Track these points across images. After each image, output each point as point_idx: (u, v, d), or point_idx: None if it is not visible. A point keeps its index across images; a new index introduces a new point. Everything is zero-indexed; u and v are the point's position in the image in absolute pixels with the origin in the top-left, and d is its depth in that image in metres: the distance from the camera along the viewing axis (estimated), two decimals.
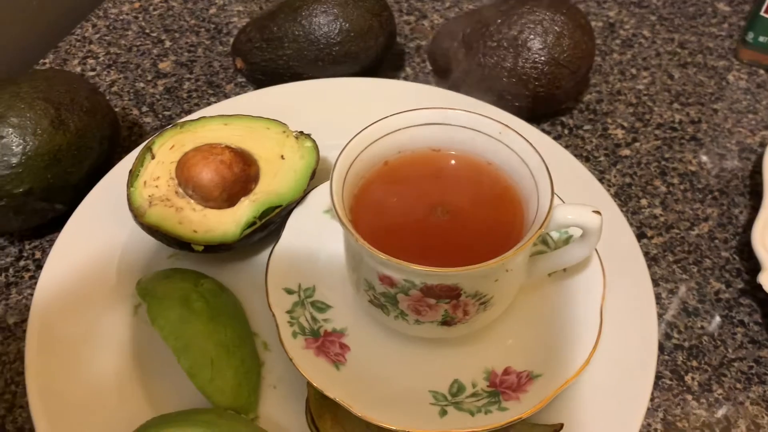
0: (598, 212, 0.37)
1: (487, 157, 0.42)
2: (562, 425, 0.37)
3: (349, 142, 0.40)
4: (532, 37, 0.53)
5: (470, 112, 0.41)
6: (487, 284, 0.37)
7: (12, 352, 0.45)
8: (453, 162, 0.43)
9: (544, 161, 0.38)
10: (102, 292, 0.45)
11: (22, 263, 0.50)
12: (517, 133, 0.40)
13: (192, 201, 0.45)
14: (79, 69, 0.66)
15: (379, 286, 0.38)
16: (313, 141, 0.48)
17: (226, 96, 0.62)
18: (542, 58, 0.53)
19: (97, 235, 0.47)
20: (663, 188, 0.55)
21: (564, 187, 0.45)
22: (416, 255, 0.35)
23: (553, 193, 0.37)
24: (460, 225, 0.40)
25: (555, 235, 0.46)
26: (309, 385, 0.39)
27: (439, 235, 0.40)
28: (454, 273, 0.34)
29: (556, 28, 0.52)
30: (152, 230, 0.44)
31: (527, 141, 0.39)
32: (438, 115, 0.41)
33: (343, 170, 0.39)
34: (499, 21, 0.54)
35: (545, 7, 0.53)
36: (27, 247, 0.51)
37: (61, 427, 0.38)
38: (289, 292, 0.43)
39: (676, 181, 0.55)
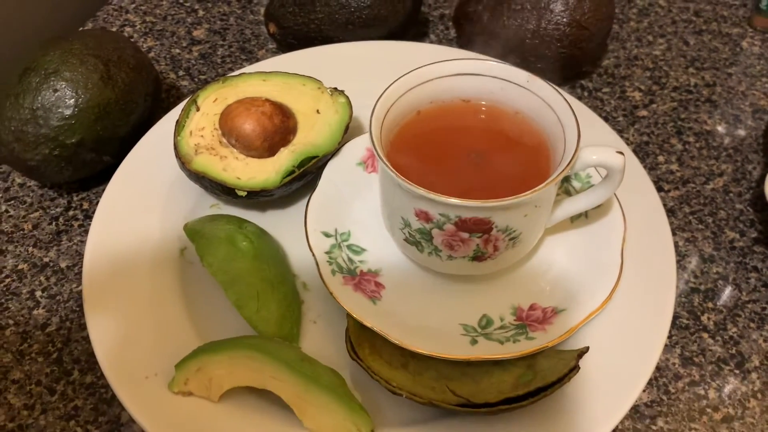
0: (621, 153, 0.40)
1: (515, 107, 0.44)
2: (587, 348, 0.39)
3: (385, 90, 0.42)
4: None
5: (498, 62, 0.44)
6: (517, 219, 0.39)
7: (65, 293, 0.48)
8: (482, 111, 0.45)
9: (570, 105, 0.41)
10: (149, 236, 0.48)
11: (71, 213, 0.53)
12: (544, 80, 0.42)
13: (235, 150, 0.48)
14: None
15: (415, 222, 0.40)
16: (347, 97, 0.51)
17: (258, 61, 0.65)
18: (564, 20, 0.55)
19: (144, 184, 0.50)
20: (679, 146, 0.57)
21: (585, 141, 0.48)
22: (449, 193, 0.37)
23: (579, 133, 0.39)
24: (489, 168, 0.43)
25: (577, 184, 0.48)
26: (348, 316, 0.41)
27: (470, 177, 0.42)
28: (488, 205, 0.37)
29: None
30: (198, 177, 0.47)
31: (554, 87, 0.42)
32: (468, 65, 0.44)
33: (381, 115, 0.42)
34: None
35: None
36: (75, 198, 0.54)
37: (117, 355, 0.41)
38: (327, 235, 0.46)
39: (691, 139, 0.58)
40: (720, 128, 0.59)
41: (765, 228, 0.51)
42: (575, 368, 0.38)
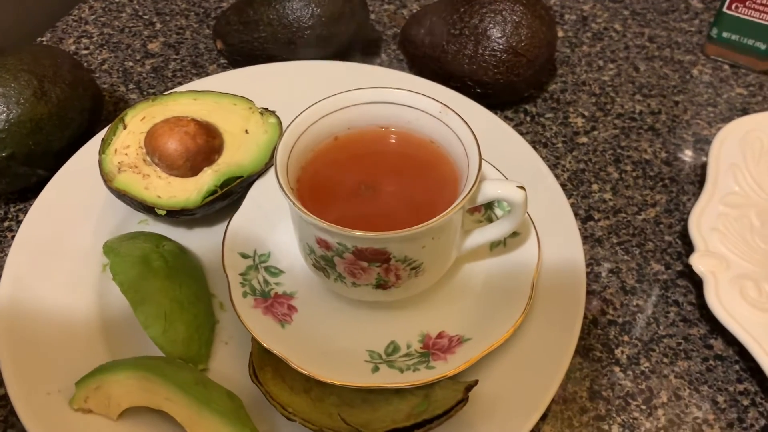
0: (522, 187, 0.40)
1: (430, 135, 0.45)
2: (476, 381, 0.39)
3: (297, 116, 0.43)
4: (491, 26, 0.55)
5: (412, 92, 0.44)
6: (414, 250, 0.39)
7: None
8: (398, 139, 0.45)
9: (476, 138, 0.41)
10: (76, 250, 0.49)
11: (6, 224, 0.54)
12: (455, 113, 0.43)
13: (158, 169, 0.48)
14: (73, 48, 0.69)
15: (318, 249, 0.41)
16: (278, 117, 0.51)
17: (208, 76, 0.65)
18: (500, 47, 0.55)
19: (75, 198, 0.51)
20: (615, 174, 0.57)
21: (511, 169, 0.48)
22: (355, 222, 0.38)
23: (480, 168, 0.39)
24: (397, 197, 0.43)
25: (499, 212, 0.48)
26: (253, 340, 0.42)
27: (377, 206, 0.43)
28: (379, 237, 0.37)
29: (515, 17, 0.55)
30: (120, 194, 0.47)
31: (463, 120, 0.42)
32: (381, 94, 0.44)
33: (290, 142, 0.42)
34: (462, 10, 0.56)
35: None
36: (12, 209, 0.55)
37: (24, 368, 0.42)
38: (244, 256, 0.46)
39: (629, 168, 0.58)
40: (659, 158, 0.58)
41: None
42: (463, 401, 0.38)
